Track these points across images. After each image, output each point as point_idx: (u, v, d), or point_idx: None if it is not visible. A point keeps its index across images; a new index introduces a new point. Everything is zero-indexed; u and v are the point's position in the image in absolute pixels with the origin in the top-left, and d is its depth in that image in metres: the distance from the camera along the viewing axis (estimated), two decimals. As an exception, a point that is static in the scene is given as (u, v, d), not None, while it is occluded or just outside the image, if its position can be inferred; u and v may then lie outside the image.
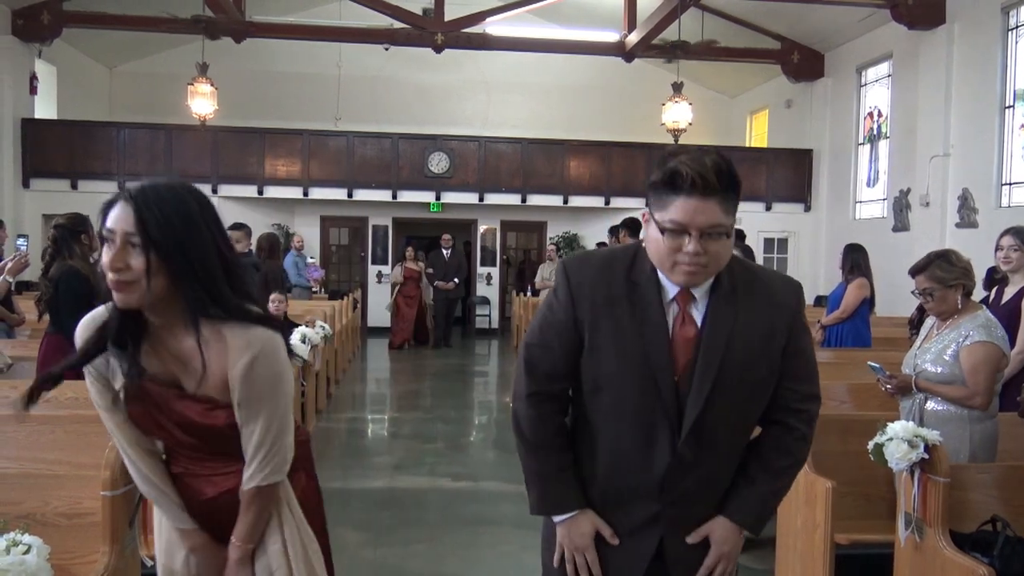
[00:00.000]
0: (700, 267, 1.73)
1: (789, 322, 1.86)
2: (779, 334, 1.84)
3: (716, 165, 1.72)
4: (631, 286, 1.83)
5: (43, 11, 12.38)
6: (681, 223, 1.71)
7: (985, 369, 3.43)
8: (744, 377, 1.81)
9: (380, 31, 13.01)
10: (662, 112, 12.59)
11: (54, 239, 4.57)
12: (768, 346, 1.83)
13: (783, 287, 1.90)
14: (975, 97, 10.21)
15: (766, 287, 1.87)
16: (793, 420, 1.90)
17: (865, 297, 6.58)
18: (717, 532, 1.91)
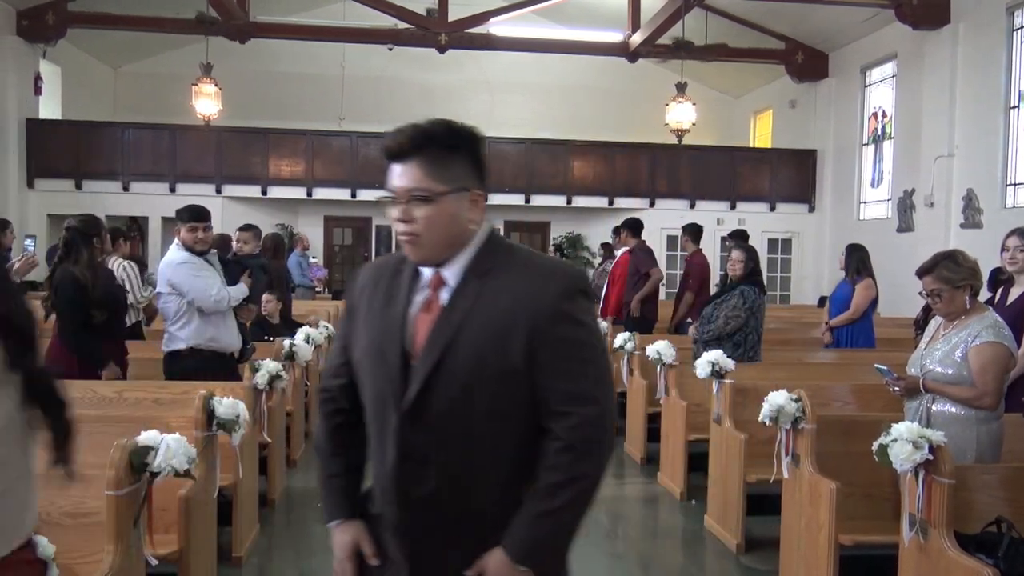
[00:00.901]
0: (412, 236, 1.64)
1: (540, 310, 1.61)
2: (521, 323, 1.60)
3: (415, 127, 1.68)
4: (394, 274, 1.75)
5: (48, 11, 12.41)
6: (389, 191, 1.66)
7: (994, 369, 3.42)
8: (479, 364, 1.61)
9: (384, 31, 13.03)
10: (666, 112, 12.58)
11: (65, 241, 4.56)
12: (508, 333, 1.61)
13: (544, 273, 1.67)
14: (980, 97, 10.19)
15: (524, 272, 1.67)
16: (555, 426, 1.62)
17: (873, 298, 6.57)
18: (489, 564, 1.63)
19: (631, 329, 7.22)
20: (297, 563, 4.43)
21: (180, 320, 4.70)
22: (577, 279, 1.70)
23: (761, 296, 5.80)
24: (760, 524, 4.61)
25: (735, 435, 4.62)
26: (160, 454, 2.72)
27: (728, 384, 4.84)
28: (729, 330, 5.65)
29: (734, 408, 4.78)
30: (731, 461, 4.66)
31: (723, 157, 14.88)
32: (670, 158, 14.53)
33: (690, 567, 4.59)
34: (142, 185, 13.59)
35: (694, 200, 14.48)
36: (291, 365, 5.68)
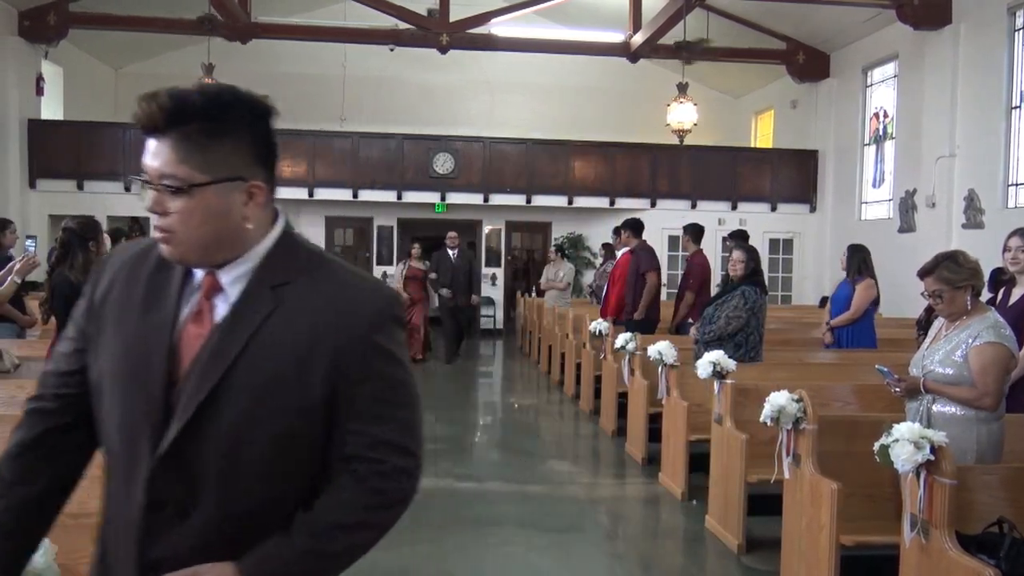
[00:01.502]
0: (164, 232, 1.31)
1: (349, 340, 1.32)
2: (324, 352, 1.31)
3: (171, 93, 1.27)
4: (158, 266, 1.38)
5: (49, 12, 12.42)
6: (142, 170, 1.31)
7: (994, 370, 3.42)
8: (264, 398, 1.30)
9: (385, 32, 13.04)
10: (667, 113, 12.58)
11: (62, 242, 4.53)
12: (306, 364, 1.31)
13: (354, 294, 1.36)
14: (981, 97, 10.18)
15: (330, 289, 1.35)
16: (360, 467, 1.34)
17: (873, 298, 6.57)
18: (209, 569, 1.28)
19: (632, 330, 7.23)
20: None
21: None
22: (393, 303, 1.40)
23: (762, 296, 5.80)
24: (761, 524, 4.61)
25: (736, 435, 4.62)
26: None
27: (729, 384, 4.84)
28: (730, 330, 5.65)
29: (735, 408, 4.78)
30: (732, 461, 4.66)
31: (724, 157, 14.88)
32: (671, 158, 14.53)
33: (691, 567, 4.59)
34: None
35: (695, 200, 14.48)
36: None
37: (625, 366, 6.87)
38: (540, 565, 4.43)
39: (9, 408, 3.89)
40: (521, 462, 6.60)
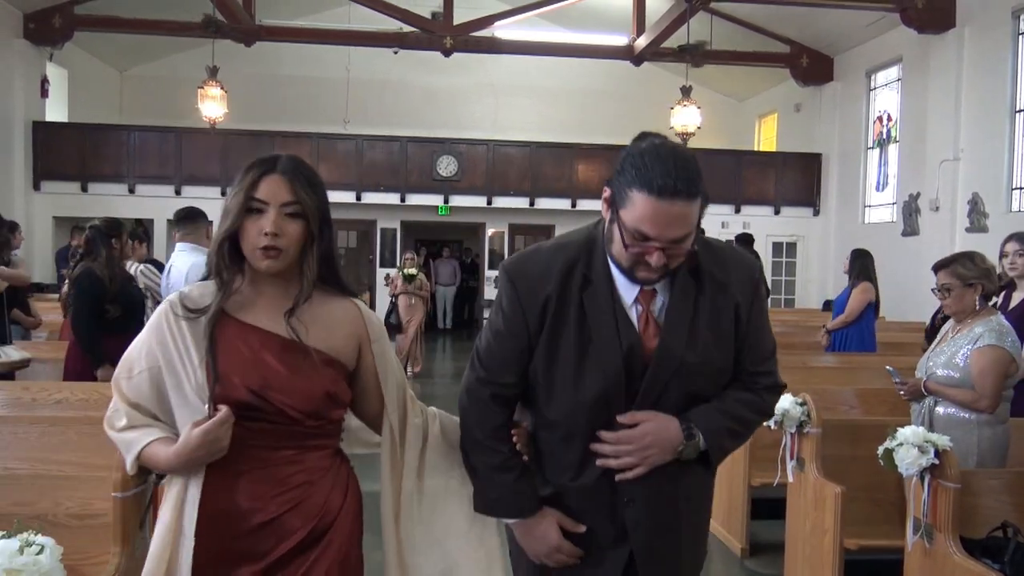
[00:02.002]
0: None
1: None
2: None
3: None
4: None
5: (54, 15, 12.46)
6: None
7: (993, 373, 3.42)
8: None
9: (389, 34, 13.05)
10: (671, 116, 12.58)
11: (87, 239, 4.80)
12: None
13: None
14: (985, 101, 10.17)
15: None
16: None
17: (869, 301, 6.57)
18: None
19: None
20: (301, 565, 4.42)
21: None
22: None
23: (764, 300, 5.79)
24: (765, 528, 4.60)
25: (740, 439, 4.61)
26: (166, 456, 2.72)
27: (733, 388, 4.82)
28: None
29: (739, 412, 4.76)
30: (736, 465, 4.65)
31: (728, 161, 14.87)
32: (675, 161, 14.50)
33: (694, 571, 4.57)
34: (148, 188, 13.64)
35: (699, 203, 14.44)
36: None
37: (628, 369, 6.84)
38: (543, 568, 4.42)
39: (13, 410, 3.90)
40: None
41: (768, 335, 1.94)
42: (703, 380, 1.83)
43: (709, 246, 1.90)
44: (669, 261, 1.73)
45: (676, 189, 1.70)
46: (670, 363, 1.79)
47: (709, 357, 1.82)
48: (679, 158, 1.75)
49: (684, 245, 1.73)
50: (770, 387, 1.92)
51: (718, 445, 1.85)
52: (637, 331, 1.80)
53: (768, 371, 1.91)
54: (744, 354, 1.87)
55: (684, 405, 1.82)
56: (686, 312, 1.81)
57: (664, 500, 1.86)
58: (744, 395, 1.88)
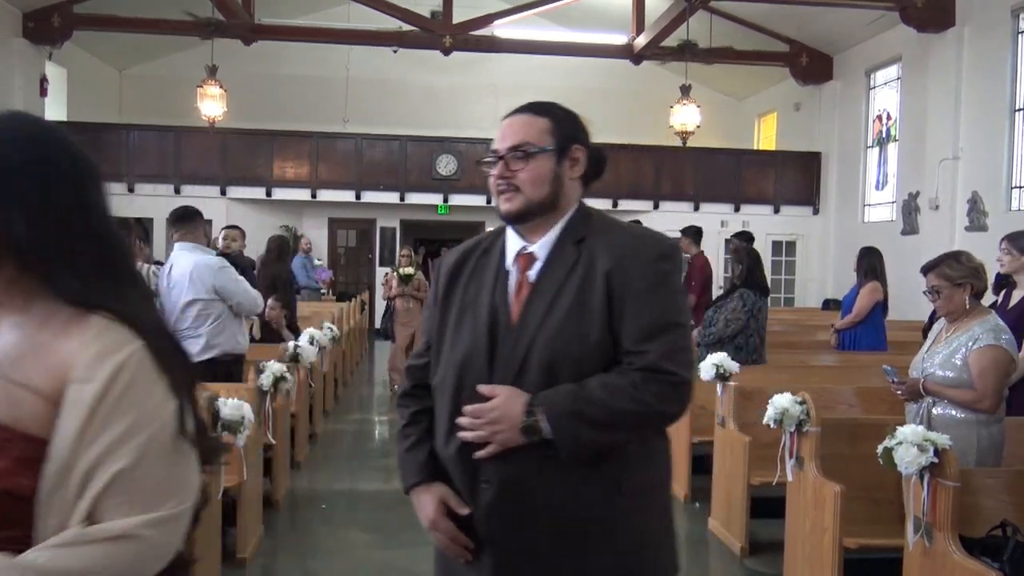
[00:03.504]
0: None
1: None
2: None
3: None
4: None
5: (54, 14, 12.45)
6: None
7: (993, 372, 3.43)
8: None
9: (388, 33, 13.04)
10: (670, 115, 12.58)
11: None
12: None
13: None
14: (985, 100, 10.17)
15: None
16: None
17: (878, 301, 6.56)
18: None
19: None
20: (302, 564, 4.43)
21: (216, 325, 4.70)
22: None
23: (762, 298, 5.80)
24: (764, 527, 4.60)
25: (739, 437, 4.62)
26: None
27: (732, 386, 4.84)
28: (729, 333, 5.65)
29: (738, 410, 4.78)
30: (735, 464, 4.65)
31: (727, 159, 14.87)
32: (674, 160, 14.53)
33: (694, 570, 4.58)
34: (147, 187, 13.63)
35: (698, 203, 14.48)
36: (295, 367, 5.69)
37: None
38: (543, 567, 4.42)
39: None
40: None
41: (657, 313, 1.69)
42: (564, 355, 1.68)
43: (605, 219, 1.85)
44: (510, 176, 1.75)
45: (521, 107, 1.81)
46: (527, 331, 1.71)
47: (570, 330, 1.68)
48: (554, 103, 1.84)
49: (526, 163, 1.74)
50: (646, 370, 1.66)
51: (564, 430, 1.64)
52: (509, 294, 1.77)
53: (642, 351, 1.67)
54: (622, 332, 1.69)
55: (546, 381, 1.68)
56: (556, 280, 1.73)
57: (524, 492, 1.69)
58: (613, 379, 1.66)
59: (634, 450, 1.74)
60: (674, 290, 1.76)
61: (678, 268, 1.79)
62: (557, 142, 1.77)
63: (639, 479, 1.74)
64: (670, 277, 1.75)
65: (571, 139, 1.80)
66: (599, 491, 1.69)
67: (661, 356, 1.66)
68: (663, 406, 1.69)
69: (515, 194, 1.76)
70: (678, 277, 1.79)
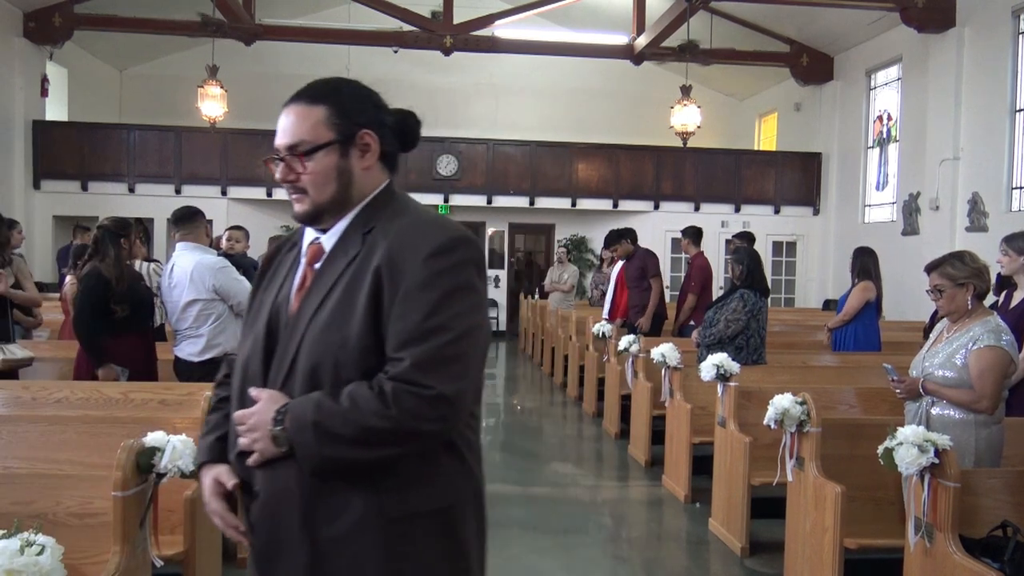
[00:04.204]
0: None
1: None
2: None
3: None
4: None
5: (54, 14, 12.46)
6: None
7: (993, 373, 3.43)
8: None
9: (389, 34, 13.05)
10: (671, 115, 12.58)
11: (95, 239, 4.76)
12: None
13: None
14: (985, 100, 10.17)
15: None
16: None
17: (869, 300, 6.56)
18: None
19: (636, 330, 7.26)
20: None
21: (216, 325, 4.71)
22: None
23: (762, 299, 5.80)
24: (765, 527, 4.61)
25: (740, 438, 4.62)
26: (166, 455, 2.72)
27: (733, 387, 4.83)
28: (730, 333, 5.65)
29: (739, 411, 4.78)
30: (735, 464, 4.65)
31: (728, 160, 14.87)
32: (675, 161, 14.54)
33: (694, 570, 4.58)
34: (147, 187, 13.64)
35: (699, 203, 14.48)
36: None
37: (629, 368, 6.87)
38: (543, 567, 4.43)
39: (13, 409, 3.90)
40: (524, 464, 6.61)
41: (419, 316, 1.49)
42: (325, 358, 1.53)
43: (401, 206, 1.66)
44: (294, 178, 1.62)
45: (297, 93, 1.68)
46: (298, 330, 1.57)
47: (333, 330, 1.54)
48: (335, 78, 1.72)
49: (306, 162, 1.61)
50: (398, 381, 1.47)
51: (303, 443, 1.49)
52: (293, 289, 1.65)
53: (398, 359, 1.49)
54: (387, 336, 1.52)
55: (309, 386, 1.54)
56: (333, 274, 1.59)
57: (281, 507, 1.57)
58: (362, 389, 1.49)
59: (411, 469, 1.55)
60: (448, 290, 1.52)
61: (461, 265, 1.54)
62: (339, 132, 1.62)
63: (413, 502, 1.55)
64: (445, 275, 1.52)
65: (357, 124, 1.64)
66: (357, 513, 1.53)
67: (416, 366, 1.47)
68: (415, 423, 1.47)
69: (303, 196, 1.63)
70: (460, 275, 1.54)
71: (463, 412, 1.55)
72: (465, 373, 1.52)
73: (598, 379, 8.24)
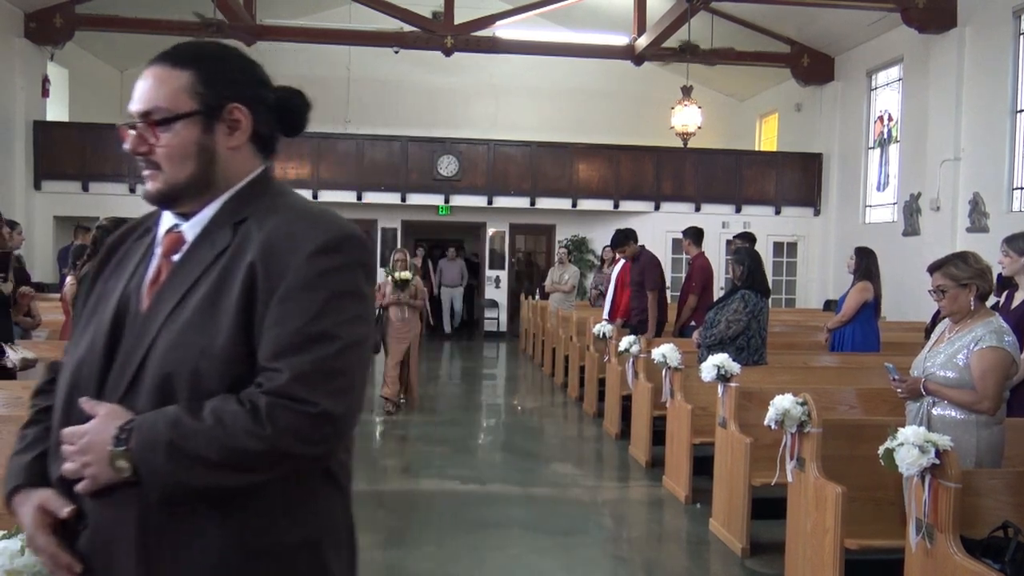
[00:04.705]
0: None
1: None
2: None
3: None
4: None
5: (55, 14, 12.47)
6: None
7: (994, 374, 3.42)
8: None
9: (390, 34, 13.05)
10: (671, 115, 12.59)
11: (94, 239, 4.81)
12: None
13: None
14: (986, 101, 10.17)
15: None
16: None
17: (867, 301, 6.56)
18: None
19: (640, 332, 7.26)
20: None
21: None
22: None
23: (763, 300, 5.80)
24: (765, 528, 4.60)
25: (740, 438, 4.62)
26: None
27: (733, 387, 4.83)
28: (731, 334, 5.65)
29: (739, 411, 4.78)
30: (736, 464, 4.65)
31: (728, 160, 14.87)
32: (675, 161, 14.54)
33: (695, 571, 4.58)
34: (148, 187, 13.63)
35: (699, 203, 14.48)
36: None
37: (629, 369, 6.87)
38: (543, 568, 4.43)
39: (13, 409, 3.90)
40: (524, 465, 6.60)
41: (300, 321, 1.30)
42: (183, 366, 1.30)
43: (281, 198, 1.47)
44: (146, 150, 1.42)
45: (158, 55, 1.45)
46: (149, 332, 1.34)
47: (194, 334, 1.31)
48: (209, 41, 1.53)
49: (160, 133, 1.40)
50: (273, 395, 1.26)
51: (153, 467, 1.26)
52: (145, 281, 1.41)
53: (274, 369, 1.28)
54: (260, 343, 1.31)
55: (159, 399, 1.31)
56: (198, 268, 1.37)
57: (118, 548, 1.31)
58: (230, 405, 1.27)
59: (279, 494, 1.33)
60: (335, 293, 1.32)
61: (350, 266, 1.36)
62: (202, 103, 1.41)
63: (280, 532, 1.34)
64: (331, 276, 1.33)
65: (226, 97, 1.45)
66: (211, 547, 1.30)
67: (296, 378, 1.27)
68: (293, 445, 1.26)
69: (156, 172, 1.41)
70: (348, 277, 1.36)
71: (347, 434, 1.35)
72: (351, 388, 1.32)
73: (599, 379, 8.24)
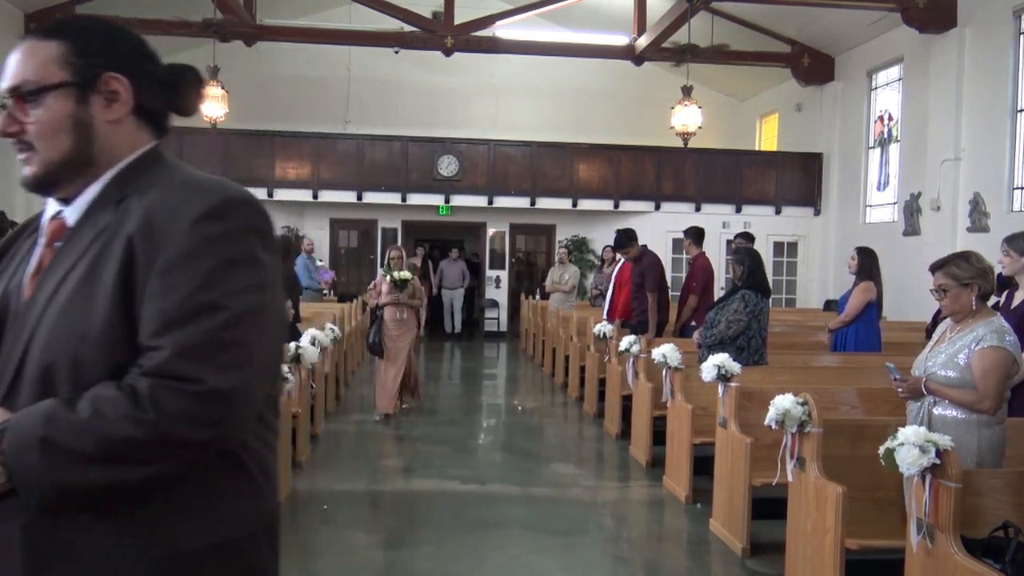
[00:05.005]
0: None
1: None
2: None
3: None
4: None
5: (55, 15, 12.47)
6: None
7: (995, 374, 3.42)
8: None
9: (390, 34, 13.05)
10: (671, 115, 12.58)
11: None
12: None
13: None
14: (986, 100, 10.17)
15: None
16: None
17: (870, 301, 6.56)
18: None
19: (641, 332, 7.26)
20: (302, 564, 4.43)
21: None
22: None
23: (763, 300, 5.80)
24: (766, 528, 4.60)
25: (741, 438, 4.62)
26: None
27: (734, 387, 4.83)
28: (731, 334, 5.65)
29: (740, 411, 4.78)
30: (737, 464, 4.65)
31: (729, 160, 14.88)
32: (675, 161, 14.54)
33: (695, 571, 4.58)
34: (149, 187, 13.64)
35: (700, 203, 14.48)
36: (297, 367, 5.69)
37: (629, 369, 6.87)
38: (543, 568, 4.43)
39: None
40: (525, 465, 6.60)
41: (183, 292, 1.18)
42: (61, 355, 1.20)
43: (167, 172, 1.34)
44: (16, 129, 1.30)
45: (30, 30, 1.35)
46: (29, 324, 1.24)
47: (70, 320, 1.21)
48: (88, 15, 1.37)
49: (30, 108, 1.29)
50: (155, 375, 1.15)
51: (26, 468, 1.14)
52: (27, 273, 1.31)
53: (155, 347, 1.17)
54: (140, 321, 1.20)
55: (41, 394, 1.20)
56: (77, 252, 1.26)
57: (4, 564, 1.21)
58: (108, 391, 1.16)
59: (183, 493, 1.23)
60: (222, 262, 1.21)
61: (240, 231, 1.25)
62: (75, 73, 1.31)
63: (187, 536, 1.23)
64: (218, 243, 1.21)
65: (100, 65, 1.34)
66: (107, 556, 1.19)
67: (178, 354, 1.15)
68: (180, 429, 1.15)
69: (32, 154, 1.30)
70: (239, 243, 1.25)
71: (243, 413, 1.22)
72: (246, 362, 1.20)
73: (599, 379, 8.24)
